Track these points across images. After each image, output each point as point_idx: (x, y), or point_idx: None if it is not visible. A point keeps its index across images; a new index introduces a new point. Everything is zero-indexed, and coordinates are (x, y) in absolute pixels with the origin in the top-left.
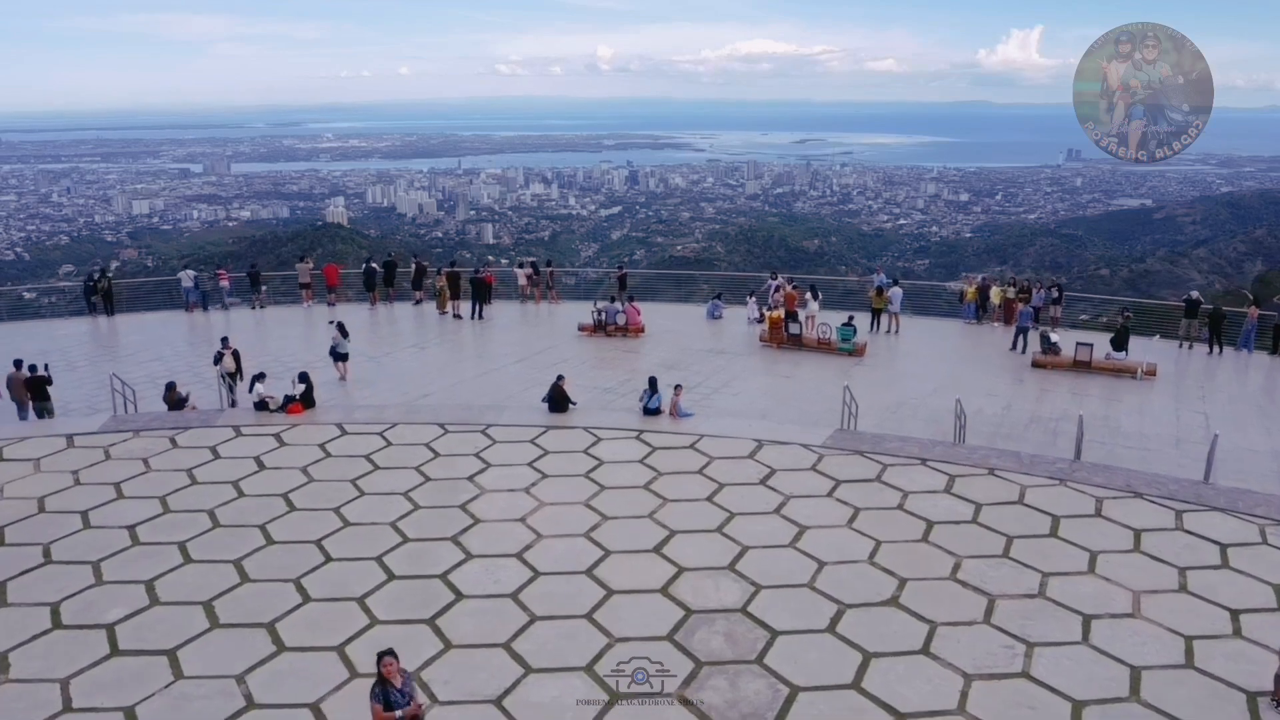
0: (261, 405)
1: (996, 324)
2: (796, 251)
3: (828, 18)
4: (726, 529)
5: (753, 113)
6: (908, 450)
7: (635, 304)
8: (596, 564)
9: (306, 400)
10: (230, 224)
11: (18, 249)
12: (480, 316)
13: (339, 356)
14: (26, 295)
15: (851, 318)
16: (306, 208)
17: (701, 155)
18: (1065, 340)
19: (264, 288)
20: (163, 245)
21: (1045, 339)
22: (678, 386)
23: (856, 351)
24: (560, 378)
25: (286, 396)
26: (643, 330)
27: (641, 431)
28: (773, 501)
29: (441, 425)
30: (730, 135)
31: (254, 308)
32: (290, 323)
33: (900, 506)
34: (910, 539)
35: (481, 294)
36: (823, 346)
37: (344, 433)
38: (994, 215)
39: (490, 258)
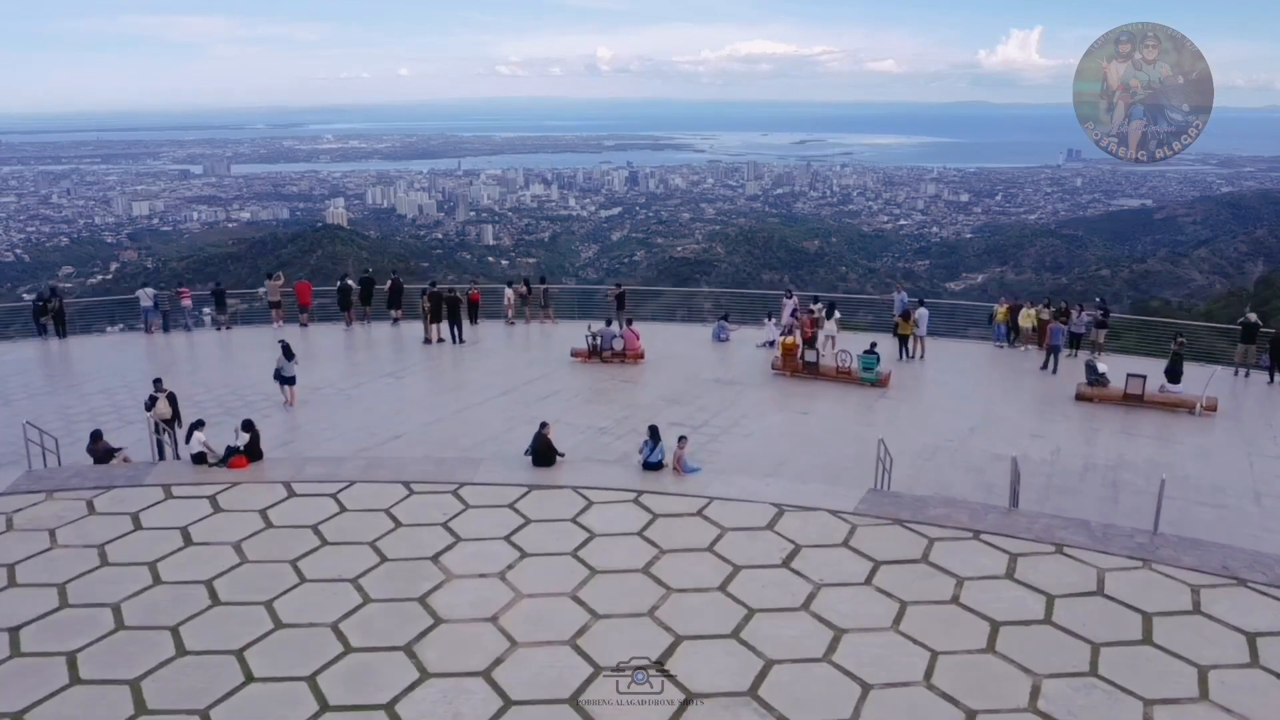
0: (200, 458)
1: (1029, 348)
2: (797, 252)
3: (827, 18)
4: (745, 632)
5: (753, 113)
6: (956, 519)
7: (634, 327)
8: (584, 686)
9: (252, 452)
10: (230, 225)
11: (17, 250)
12: (460, 340)
13: (284, 380)
14: (26, 297)
15: (874, 345)
16: (306, 209)
17: (701, 156)
18: (1112, 368)
19: (230, 307)
20: (162, 247)
21: (1091, 369)
22: (682, 438)
23: (880, 382)
24: (544, 426)
25: (229, 448)
26: (642, 356)
27: (640, 493)
28: (800, 592)
29: (406, 485)
30: (730, 136)
31: (219, 329)
32: (257, 346)
33: (956, 599)
34: (973, 648)
35: (457, 314)
36: (842, 376)
37: (291, 494)
38: (994, 216)
39: (471, 278)
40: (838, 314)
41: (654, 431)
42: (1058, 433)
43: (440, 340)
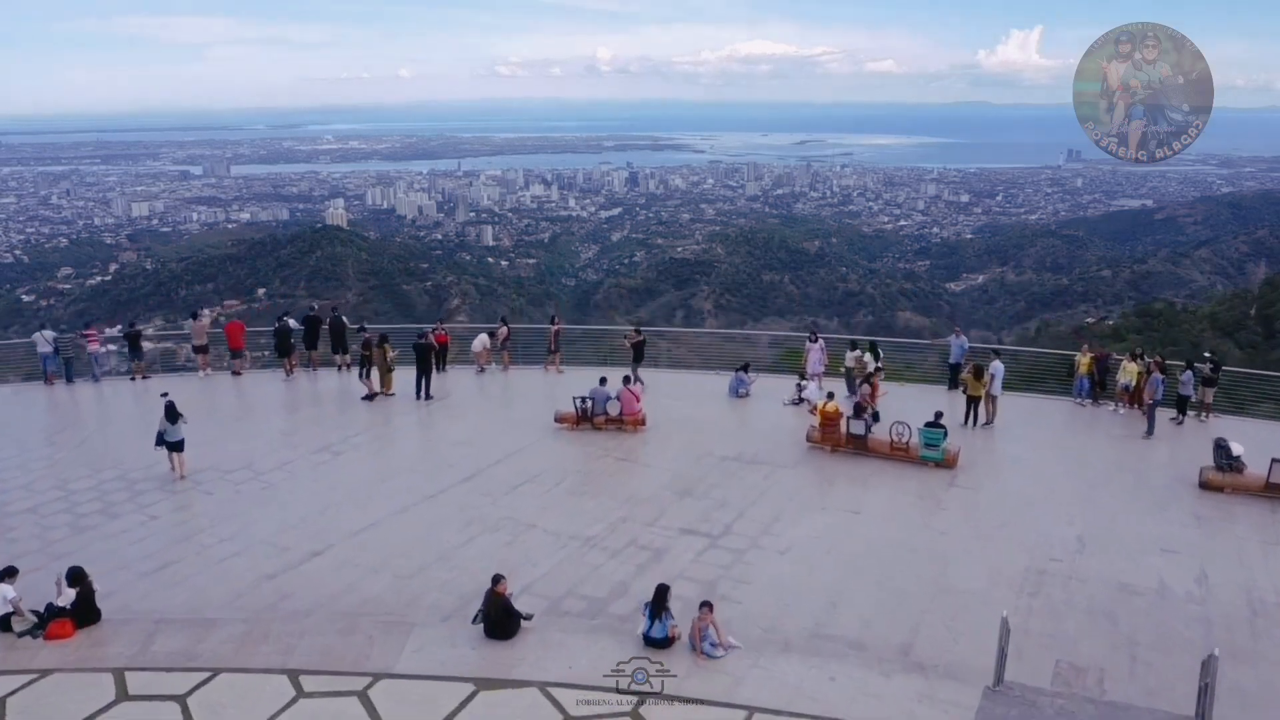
0: (5, 623)
1: (1122, 407)
2: (797, 253)
3: (827, 19)
4: None
5: (753, 114)
6: None
7: (635, 386)
8: None
9: (82, 612)
10: (230, 226)
11: (16, 251)
12: (427, 395)
13: (171, 446)
14: (25, 298)
15: (940, 415)
16: (306, 209)
17: (701, 157)
18: (1235, 437)
19: (146, 353)
20: (162, 248)
21: (1223, 451)
22: (705, 605)
23: (946, 461)
24: (499, 581)
25: (49, 608)
26: (643, 422)
27: (641, 697)
28: None
29: (294, 677)
30: (730, 136)
31: (133, 379)
32: (180, 401)
33: None
34: None
35: (426, 365)
36: (897, 453)
37: (119, 697)
38: (995, 216)
39: (440, 321)
40: (879, 357)
41: (660, 597)
42: (1193, 544)
43: (391, 394)
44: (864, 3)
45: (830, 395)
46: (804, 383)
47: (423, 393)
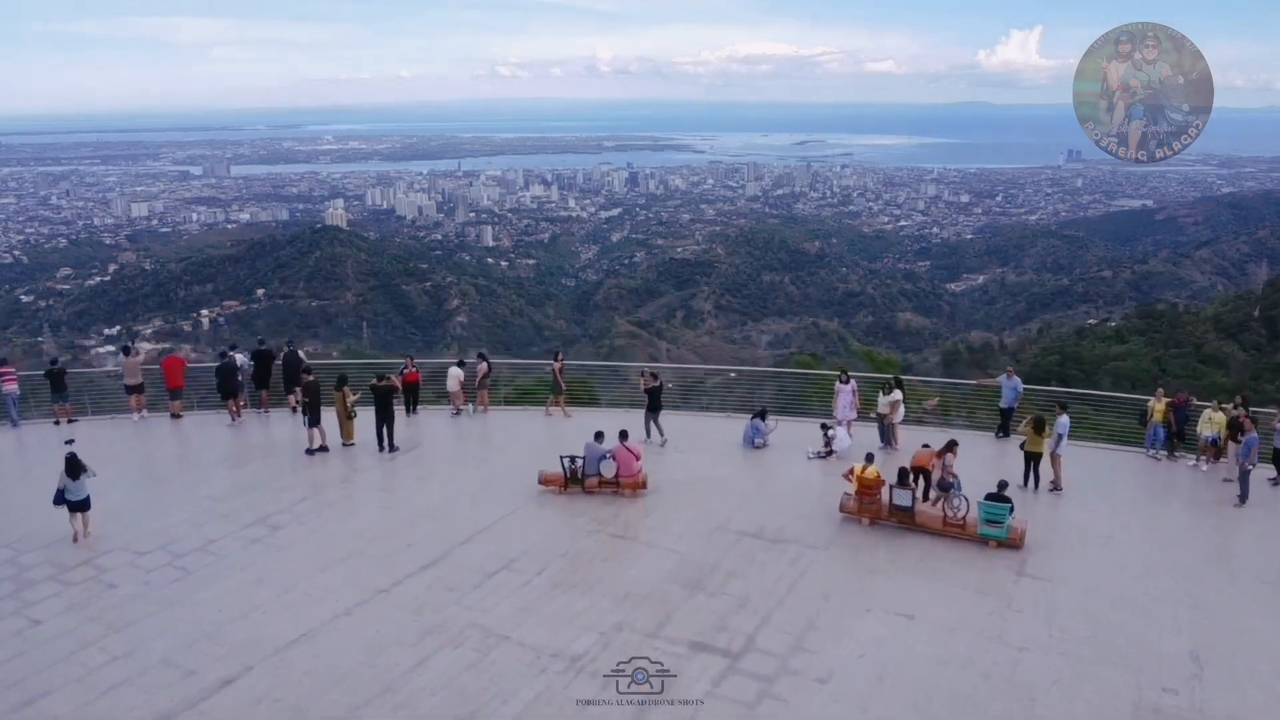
0: None
1: (1205, 462)
2: (797, 253)
3: (827, 19)
4: None
5: (753, 114)
6: None
7: (633, 443)
8: None
9: None
10: (229, 226)
11: (16, 252)
12: (391, 447)
13: (74, 505)
14: (24, 299)
15: (1005, 485)
16: (306, 210)
17: (701, 157)
18: None
19: (69, 393)
20: (161, 248)
21: None
22: None
23: (1011, 540)
24: None
25: None
26: (643, 485)
27: None
28: None
29: None
30: (730, 137)
31: (57, 423)
32: (107, 452)
33: None
34: None
35: (387, 411)
36: (951, 529)
37: None
38: (995, 216)
39: (411, 358)
40: (899, 393)
41: None
42: None
43: (351, 444)
44: (864, 3)
45: (870, 458)
46: (831, 430)
47: (385, 443)
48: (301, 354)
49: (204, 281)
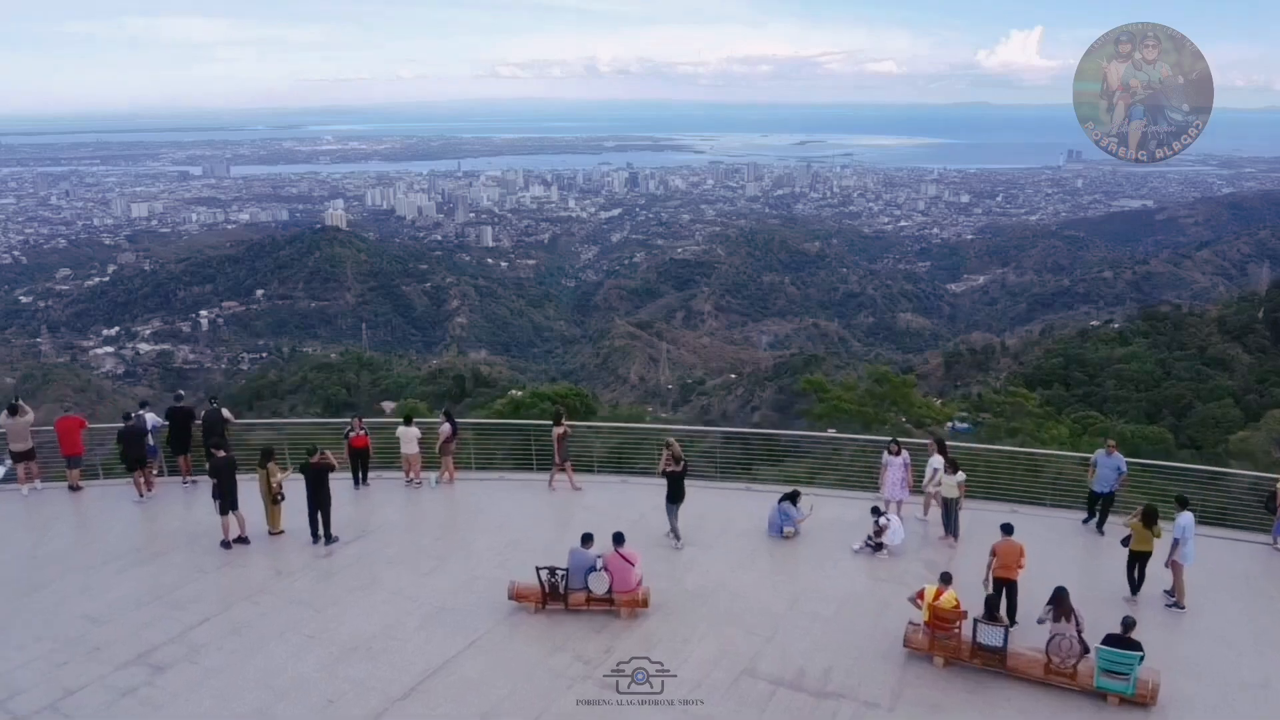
0: None
1: None
2: (797, 254)
3: (827, 19)
4: None
5: (753, 114)
6: None
7: (628, 549)
8: None
9: None
10: (229, 227)
11: (15, 252)
12: (328, 536)
13: None
14: (23, 299)
15: (1131, 626)
16: (306, 210)
17: (702, 157)
18: None
19: None
20: (161, 249)
21: None
22: None
23: (1139, 696)
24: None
25: None
26: (644, 603)
27: None
28: None
29: None
30: (730, 137)
31: None
32: None
33: None
34: None
35: (322, 495)
36: (1055, 677)
37: None
38: (995, 217)
39: (358, 418)
40: (961, 475)
41: None
42: None
43: (280, 532)
44: (864, 3)
45: (946, 580)
46: (883, 517)
47: (321, 532)
48: (226, 413)
49: (203, 282)
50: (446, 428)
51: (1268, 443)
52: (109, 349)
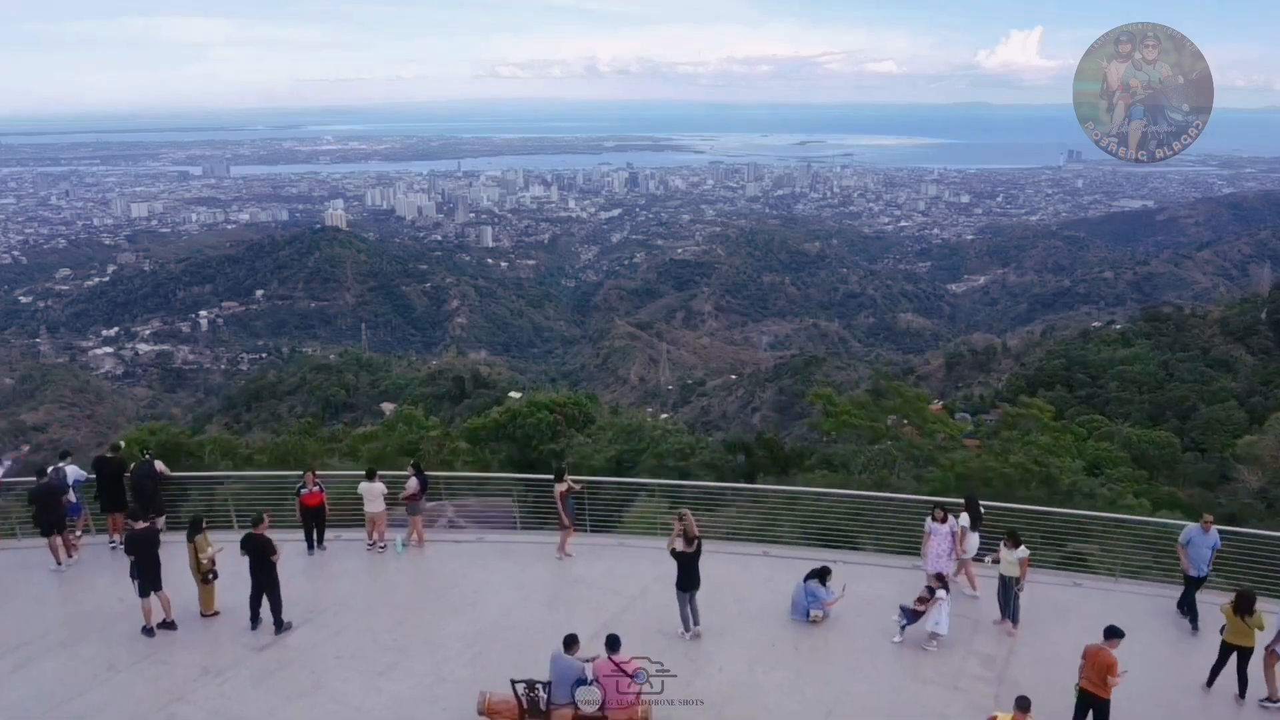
0: None
1: None
2: (798, 254)
3: (827, 19)
4: None
5: (753, 114)
6: None
7: (625, 658)
8: None
9: None
10: (229, 227)
11: (14, 253)
12: (277, 622)
13: None
14: (23, 299)
15: None
16: (305, 210)
17: (702, 157)
18: None
19: None
20: (160, 249)
21: None
22: None
23: None
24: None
25: None
26: None
27: None
28: None
29: None
30: (730, 137)
31: None
32: None
33: None
34: None
35: (266, 575)
36: None
37: None
38: (995, 217)
39: (311, 470)
40: (1024, 550)
41: None
42: None
43: (214, 613)
44: (864, 3)
45: (1023, 706)
46: (940, 591)
47: (266, 616)
48: (160, 467)
49: (203, 282)
50: (414, 482)
51: (1276, 447)
52: (108, 349)
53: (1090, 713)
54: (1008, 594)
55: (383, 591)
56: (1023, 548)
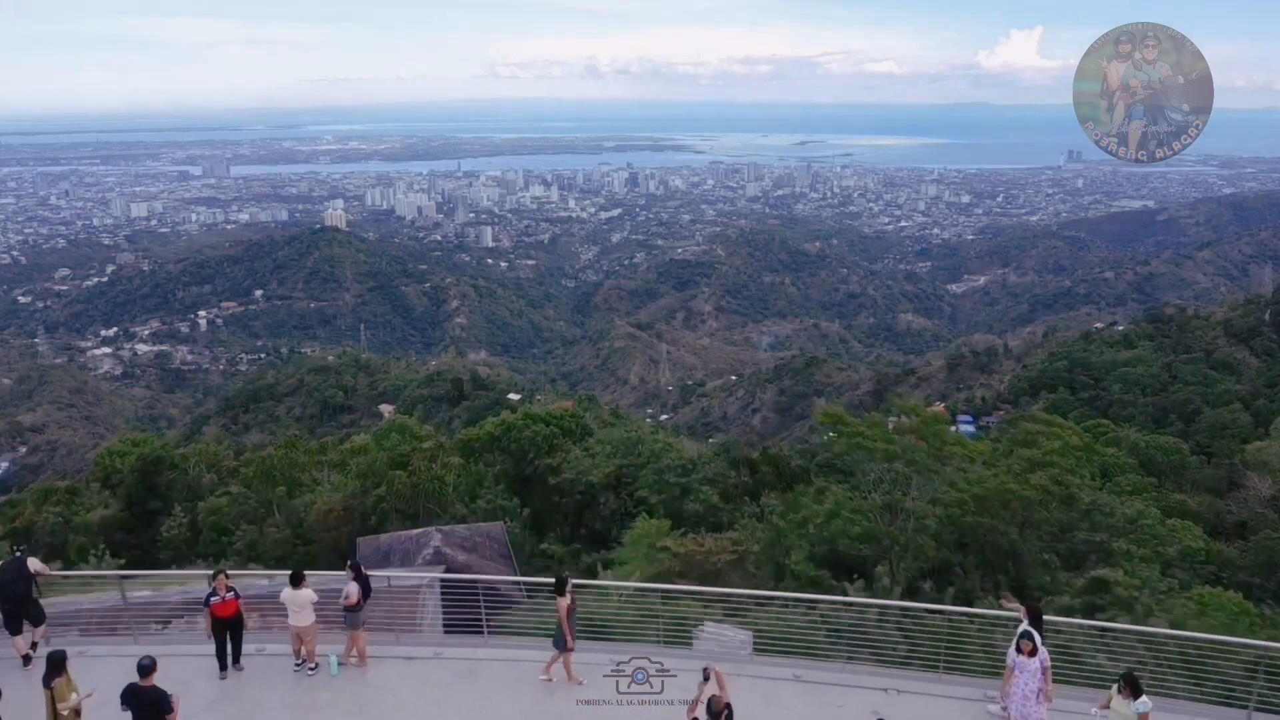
0: None
1: None
2: (798, 254)
3: (827, 20)
4: None
5: (753, 114)
6: None
7: None
8: None
9: None
10: (229, 227)
11: (14, 252)
12: None
13: None
14: (21, 300)
15: None
16: (305, 210)
17: (702, 157)
18: None
19: None
20: (160, 249)
21: None
22: None
23: None
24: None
25: None
26: None
27: None
28: None
29: None
30: (730, 137)
31: None
32: None
33: None
34: None
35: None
36: None
37: None
38: (995, 217)
39: (227, 569)
40: (1145, 702)
41: None
42: None
43: None
44: (864, 3)
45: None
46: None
47: None
48: (36, 565)
49: (202, 283)
50: (354, 588)
51: None
52: (107, 350)
53: None
54: None
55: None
56: (1145, 699)
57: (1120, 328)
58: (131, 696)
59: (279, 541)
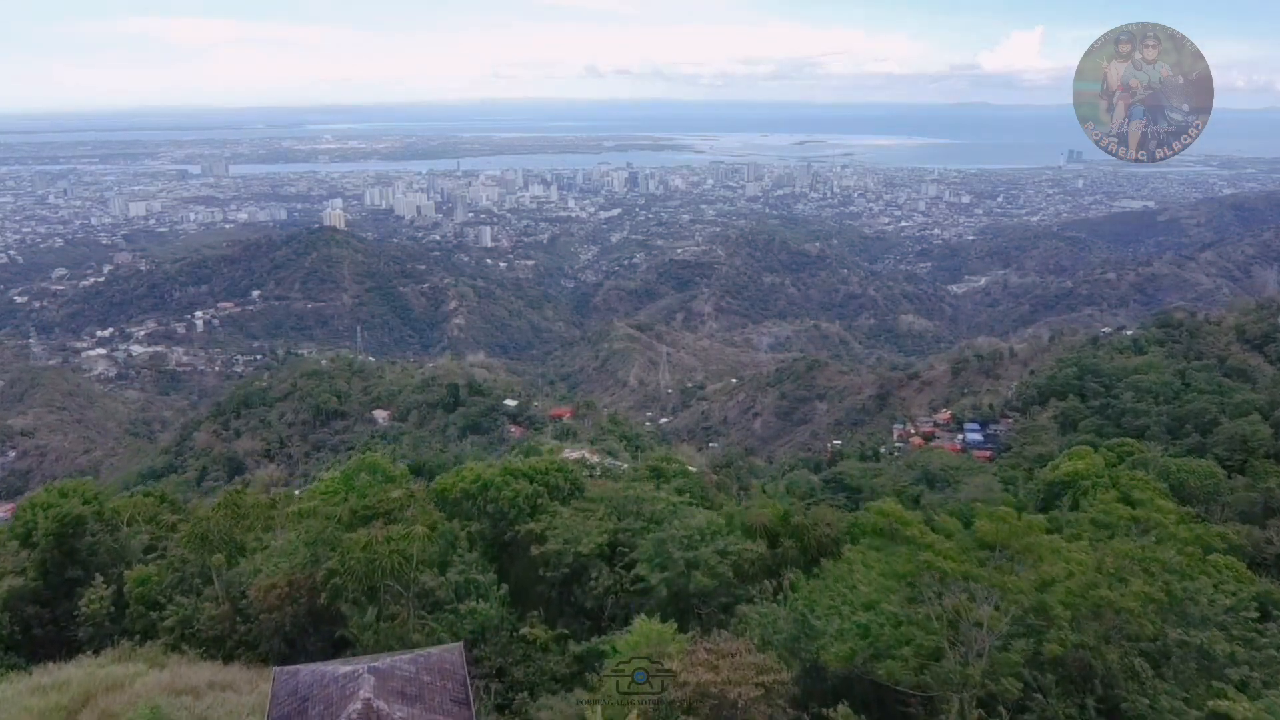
0: None
1: None
2: (798, 254)
3: (828, 20)
4: None
5: (753, 114)
6: None
7: None
8: None
9: None
10: (227, 226)
11: (11, 252)
12: None
13: None
14: (18, 299)
15: None
16: (304, 210)
17: (702, 157)
18: None
19: None
20: (158, 249)
21: None
22: None
23: None
24: None
25: None
26: None
27: None
28: None
29: None
30: (730, 137)
31: None
32: None
33: None
34: None
35: None
36: None
37: None
38: (996, 217)
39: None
40: None
41: None
42: None
43: None
44: (864, 3)
45: None
46: None
47: None
48: None
49: (199, 283)
50: None
51: None
52: (101, 351)
53: None
54: None
55: None
56: None
57: (1129, 333)
58: None
59: (216, 618)
